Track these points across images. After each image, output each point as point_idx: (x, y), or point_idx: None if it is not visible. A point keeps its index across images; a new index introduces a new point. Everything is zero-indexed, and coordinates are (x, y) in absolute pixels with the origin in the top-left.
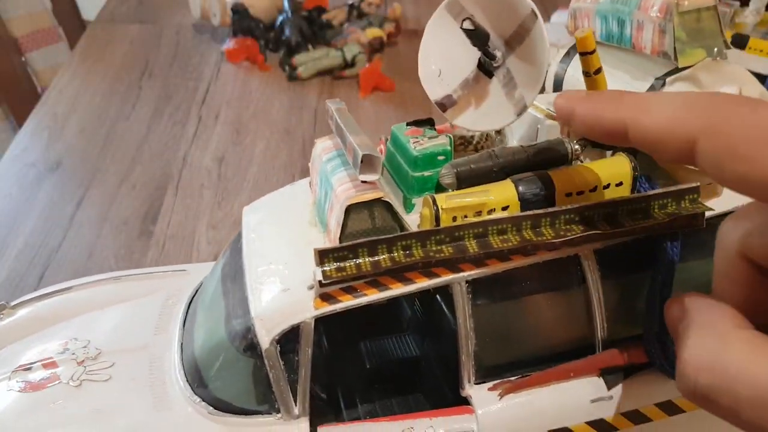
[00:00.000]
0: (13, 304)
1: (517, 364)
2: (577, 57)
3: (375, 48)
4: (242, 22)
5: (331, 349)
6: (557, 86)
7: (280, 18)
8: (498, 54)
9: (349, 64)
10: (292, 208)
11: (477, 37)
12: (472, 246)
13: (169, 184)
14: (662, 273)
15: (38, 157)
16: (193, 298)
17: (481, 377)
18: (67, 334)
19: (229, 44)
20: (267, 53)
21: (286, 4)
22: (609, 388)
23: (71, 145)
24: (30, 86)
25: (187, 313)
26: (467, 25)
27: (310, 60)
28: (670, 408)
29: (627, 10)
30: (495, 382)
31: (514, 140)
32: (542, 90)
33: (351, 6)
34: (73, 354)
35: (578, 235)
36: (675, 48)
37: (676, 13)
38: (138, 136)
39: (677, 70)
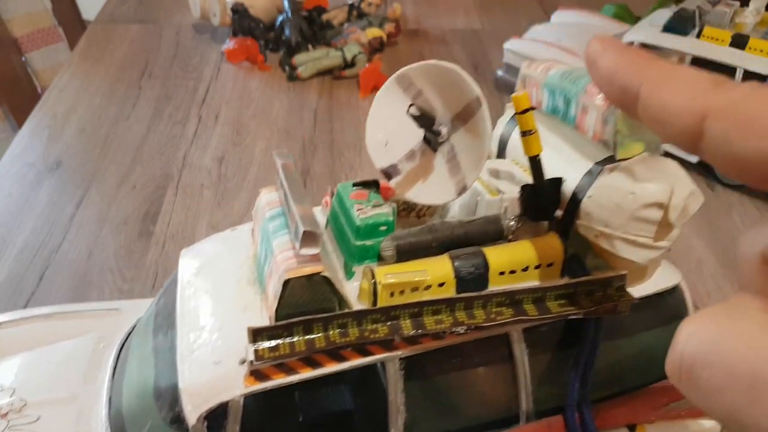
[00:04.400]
0: None
1: None
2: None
3: (375, 48)
4: (242, 22)
5: (266, 398)
6: (501, 149)
7: (280, 18)
8: (443, 130)
9: (349, 64)
10: (232, 259)
11: (422, 121)
12: (407, 326)
13: (169, 184)
14: (585, 351)
15: (38, 157)
16: (124, 342)
17: None
18: None
19: (229, 44)
20: (267, 53)
21: (286, 4)
22: None
23: (71, 145)
24: (30, 86)
25: (117, 359)
26: (413, 111)
27: (310, 60)
28: None
29: (574, 91)
30: None
31: (455, 208)
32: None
33: (351, 6)
34: None
35: (507, 320)
36: (615, 141)
37: None
38: (138, 136)
39: (616, 160)
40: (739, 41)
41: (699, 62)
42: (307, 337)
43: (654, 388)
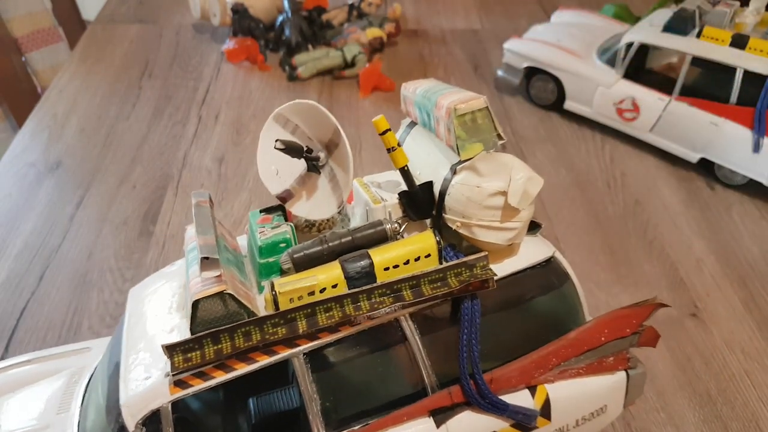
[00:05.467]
0: None
1: (360, 414)
2: (416, 128)
3: (375, 48)
4: (242, 22)
5: (226, 406)
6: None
7: (280, 18)
8: (321, 155)
9: (349, 64)
10: (166, 291)
11: (292, 151)
12: (302, 325)
13: (169, 184)
14: (467, 327)
15: (38, 157)
16: (91, 377)
17: (332, 430)
18: None
19: (229, 44)
20: (267, 53)
21: (286, 4)
22: (438, 425)
23: (71, 145)
24: (30, 86)
25: (85, 392)
26: (278, 146)
27: (310, 60)
28: None
29: (429, 106)
30: None
31: (356, 217)
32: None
33: (351, 6)
34: None
35: (389, 306)
36: (457, 144)
37: (455, 116)
38: (138, 136)
39: (463, 160)
40: (739, 41)
41: (699, 62)
42: (216, 346)
43: (541, 352)
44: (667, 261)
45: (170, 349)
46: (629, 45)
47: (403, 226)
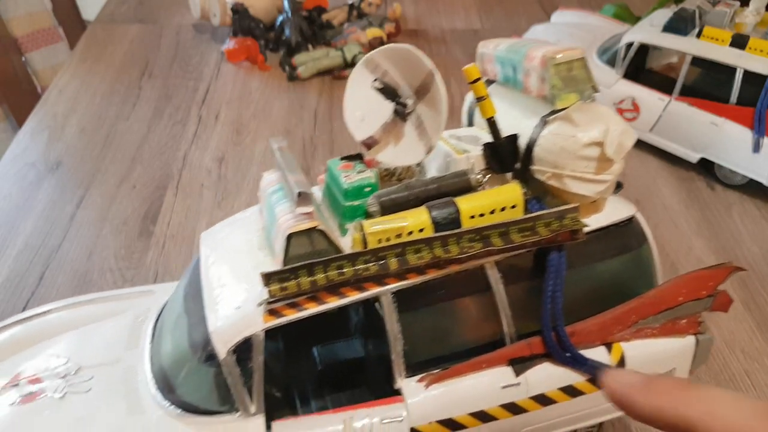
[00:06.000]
0: None
1: (439, 359)
2: (493, 86)
3: (375, 48)
4: (242, 22)
5: (288, 355)
6: (470, 119)
7: (280, 18)
8: (409, 102)
9: (349, 64)
10: (243, 233)
11: (387, 93)
12: (393, 263)
13: (169, 184)
14: (552, 278)
15: (38, 157)
16: (159, 316)
17: (411, 372)
18: (50, 353)
19: (229, 44)
20: (267, 53)
21: (286, 4)
22: (517, 375)
23: (71, 145)
24: (30, 86)
25: (154, 329)
26: (376, 85)
27: (310, 60)
28: (571, 391)
29: (517, 59)
30: (421, 375)
31: (432, 170)
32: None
33: (351, 6)
34: (56, 370)
35: (478, 251)
36: (552, 93)
37: (552, 65)
38: (138, 136)
39: (557, 110)
40: (739, 41)
41: (699, 62)
42: (310, 278)
43: (621, 309)
44: (667, 261)
45: (267, 277)
46: (629, 45)
47: (486, 178)
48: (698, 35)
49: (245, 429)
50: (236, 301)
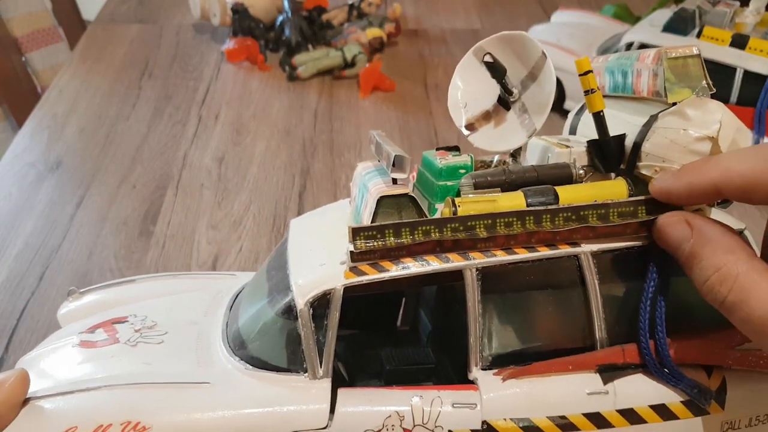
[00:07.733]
0: (81, 290)
1: (520, 355)
2: (587, 112)
3: (375, 48)
4: (242, 22)
5: (355, 357)
6: (572, 132)
7: (280, 18)
8: (515, 90)
9: (349, 64)
10: (331, 218)
11: (495, 70)
12: (482, 232)
13: (169, 184)
14: (654, 278)
15: (38, 157)
16: (239, 292)
17: (487, 365)
18: (128, 311)
19: (229, 44)
20: (267, 53)
21: (286, 4)
22: (605, 383)
23: (71, 145)
24: (30, 86)
25: (233, 302)
26: (488, 58)
27: (310, 60)
28: (664, 412)
29: (629, 63)
30: (499, 369)
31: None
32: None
33: (351, 6)
34: (132, 324)
35: (573, 227)
36: (665, 87)
37: (666, 59)
38: (138, 136)
39: (668, 107)
40: (739, 41)
41: None
42: (397, 239)
43: (726, 329)
44: None
45: (355, 232)
46: (629, 45)
47: (588, 175)
48: (698, 35)
49: (310, 390)
50: (320, 259)
